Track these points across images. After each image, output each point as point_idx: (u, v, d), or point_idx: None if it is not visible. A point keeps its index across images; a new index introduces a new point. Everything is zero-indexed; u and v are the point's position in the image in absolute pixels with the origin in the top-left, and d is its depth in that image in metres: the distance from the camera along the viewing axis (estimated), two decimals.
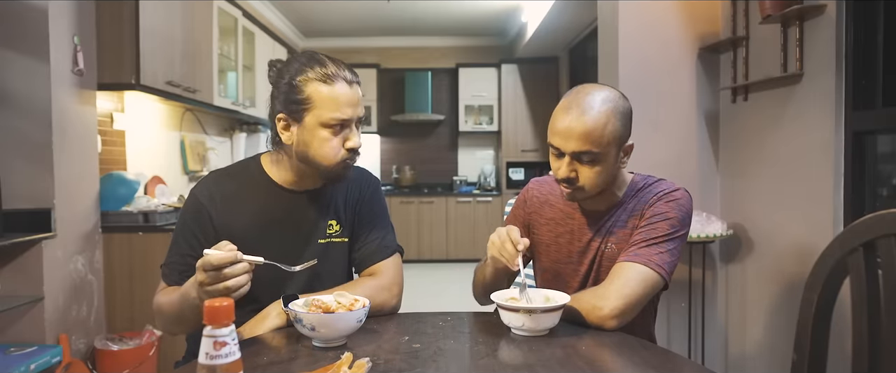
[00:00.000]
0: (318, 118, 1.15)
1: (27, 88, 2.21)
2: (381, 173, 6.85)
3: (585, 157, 1.17)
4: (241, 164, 1.33)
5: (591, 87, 1.22)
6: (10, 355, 2.02)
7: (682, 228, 1.23)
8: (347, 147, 1.18)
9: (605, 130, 1.16)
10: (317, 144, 1.17)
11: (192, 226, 1.23)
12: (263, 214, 1.24)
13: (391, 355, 0.96)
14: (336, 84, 1.15)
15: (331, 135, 1.17)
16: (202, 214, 1.23)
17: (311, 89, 1.15)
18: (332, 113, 1.15)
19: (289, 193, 1.26)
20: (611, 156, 1.19)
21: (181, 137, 3.66)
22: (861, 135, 1.97)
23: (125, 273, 2.64)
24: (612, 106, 1.18)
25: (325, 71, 1.15)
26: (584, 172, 1.19)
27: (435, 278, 5.57)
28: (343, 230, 1.31)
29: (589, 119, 1.16)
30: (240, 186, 1.26)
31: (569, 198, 1.26)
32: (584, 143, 1.16)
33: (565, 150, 1.18)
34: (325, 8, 5.50)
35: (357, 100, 1.18)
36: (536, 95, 6.29)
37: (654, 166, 1.97)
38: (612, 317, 1.10)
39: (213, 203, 1.23)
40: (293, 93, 1.16)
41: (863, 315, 1.00)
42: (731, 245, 2.58)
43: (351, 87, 1.17)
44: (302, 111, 1.16)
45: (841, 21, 1.97)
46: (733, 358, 2.60)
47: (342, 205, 1.32)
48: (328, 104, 1.15)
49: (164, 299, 1.17)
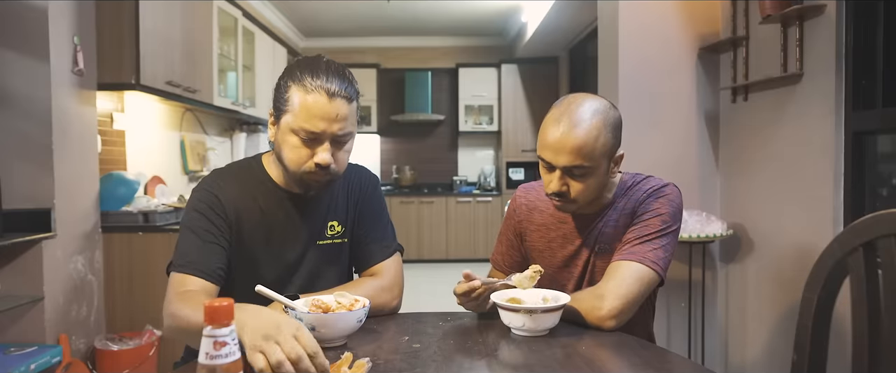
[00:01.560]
0: (288, 123, 1.12)
1: (27, 88, 2.21)
2: (381, 173, 6.85)
3: (577, 171, 1.17)
4: (242, 163, 1.31)
5: (581, 97, 1.20)
6: (10, 355, 2.02)
7: (674, 223, 1.23)
8: (315, 162, 1.12)
9: (597, 144, 1.15)
10: (286, 149, 1.15)
11: (210, 216, 1.17)
12: (267, 215, 1.23)
13: (391, 355, 0.96)
14: (313, 94, 1.09)
15: (299, 143, 1.13)
16: (216, 207, 1.19)
17: (292, 93, 1.12)
18: (300, 122, 1.10)
19: (289, 194, 1.25)
20: (602, 168, 1.19)
21: (181, 137, 3.66)
22: (861, 135, 1.97)
23: (125, 273, 2.64)
24: (603, 118, 1.17)
25: (309, 78, 1.11)
26: (575, 186, 1.19)
27: (435, 278, 5.57)
28: (344, 231, 1.31)
29: (580, 133, 1.14)
30: (243, 186, 1.24)
31: (560, 209, 1.26)
32: (575, 157, 1.15)
33: (556, 164, 1.17)
34: (325, 8, 5.50)
35: (335, 115, 1.10)
36: (536, 95, 6.29)
37: (654, 166, 1.97)
38: (611, 317, 1.11)
39: (226, 197, 1.21)
40: (280, 92, 1.15)
41: (863, 315, 1.00)
42: (731, 245, 2.58)
43: (331, 101, 1.10)
44: (281, 112, 1.14)
45: (841, 21, 1.97)
46: (733, 358, 2.60)
47: (343, 205, 1.31)
48: (300, 112, 1.10)
49: (184, 312, 1.02)
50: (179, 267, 1.13)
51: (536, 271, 1.12)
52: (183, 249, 1.15)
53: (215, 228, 1.17)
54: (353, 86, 1.15)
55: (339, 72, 1.13)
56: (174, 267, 1.14)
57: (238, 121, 4.50)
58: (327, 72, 1.12)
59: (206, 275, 1.12)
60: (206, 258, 1.13)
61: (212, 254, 1.15)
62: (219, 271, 1.15)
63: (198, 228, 1.16)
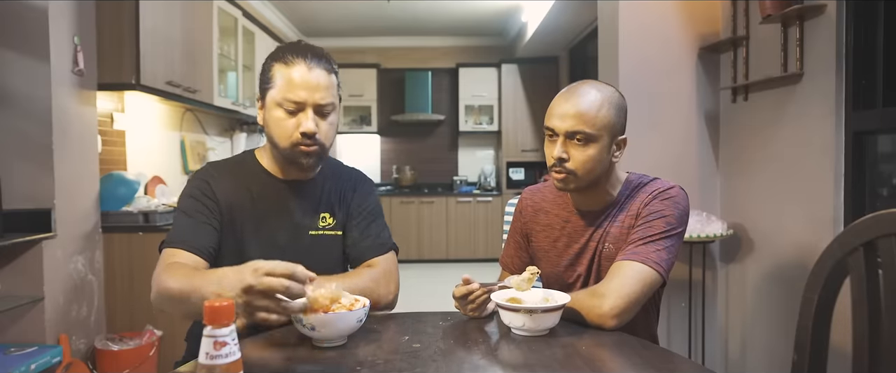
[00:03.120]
0: (273, 98, 1.20)
1: (27, 88, 2.21)
2: (381, 173, 6.86)
3: (578, 136, 1.21)
4: (236, 157, 1.37)
5: (589, 81, 1.28)
6: (11, 355, 2.02)
7: (679, 225, 1.24)
8: (300, 131, 1.19)
9: (599, 113, 1.21)
10: (273, 124, 1.21)
11: (201, 199, 1.23)
12: (258, 202, 1.27)
13: (391, 355, 0.96)
14: (294, 66, 1.18)
15: (285, 116, 1.20)
16: (208, 193, 1.24)
17: (275, 71, 1.20)
18: (284, 93, 1.18)
19: (280, 182, 1.30)
20: (603, 141, 1.22)
21: (181, 137, 3.66)
22: (861, 135, 1.97)
23: (125, 273, 2.64)
24: (608, 94, 1.24)
25: (289, 56, 1.19)
26: (575, 155, 1.22)
27: (435, 278, 5.57)
28: (336, 224, 1.33)
29: (584, 102, 1.22)
30: (235, 175, 1.29)
31: (560, 185, 1.27)
32: (577, 122, 1.21)
33: (559, 129, 1.22)
34: (325, 8, 5.50)
35: (315, 84, 1.19)
36: (536, 94, 6.29)
37: (654, 166, 1.98)
38: (612, 316, 1.11)
39: (217, 184, 1.26)
40: (264, 74, 1.23)
41: (863, 315, 1.00)
42: (731, 245, 2.58)
43: (311, 72, 1.19)
44: (266, 90, 1.22)
45: (841, 21, 1.97)
46: (733, 358, 2.60)
47: (336, 200, 1.34)
48: (283, 85, 1.19)
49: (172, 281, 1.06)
50: (170, 243, 1.18)
51: (533, 273, 1.13)
52: (175, 229, 1.20)
53: (206, 210, 1.22)
54: (332, 63, 1.24)
55: (317, 49, 1.23)
56: (165, 244, 1.19)
57: (238, 121, 4.50)
58: (306, 49, 1.22)
59: (196, 250, 1.16)
60: (196, 236, 1.18)
61: (203, 233, 1.19)
62: (209, 249, 1.19)
63: (190, 209, 1.22)
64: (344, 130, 6.51)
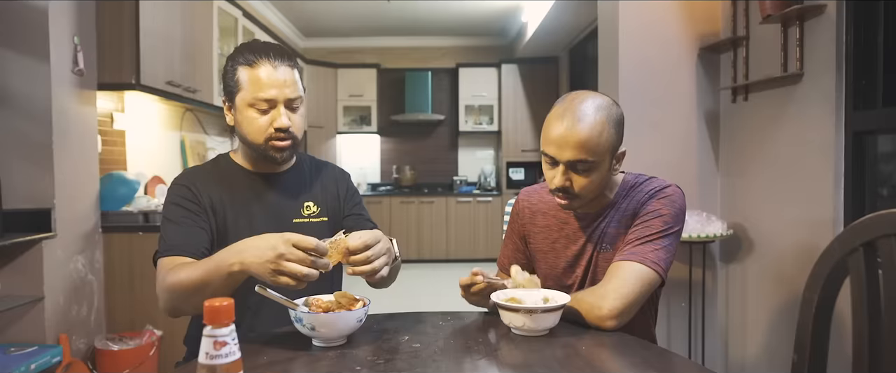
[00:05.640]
0: (244, 99, 1.24)
1: (27, 88, 2.21)
2: (381, 173, 6.86)
3: (581, 165, 1.18)
4: (210, 160, 1.41)
5: (584, 94, 1.22)
6: (11, 355, 2.02)
7: (676, 224, 1.23)
8: (275, 127, 1.23)
9: (601, 139, 1.17)
10: (246, 124, 1.25)
11: (186, 204, 1.26)
12: (237, 196, 1.31)
13: (391, 355, 0.96)
14: (260, 67, 1.22)
15: (258, 114, 1.24)
16: (191, 197, 1.27)
17: (240, 73, 1.24)
18: (254, 93, 1.22)
19: (256, 175, 1.34)
20: (605, 163, 1.20)
21: (181, 137, 3.66)
22: (861, 135, 1.97)
23: (125, 273, 2.63)
24: (606, 114, 1.18)
25: (250, 55, 1.23)
26: (578, 181, 1.20)
27: (435, 278, 5.56)
28: (321, 211, 1.37)
29: (584, 128, 1.16)
30: (213, 176, 1.33)
31: (565, 206, 1.27)
32: (579, 152, 1.16)
33: (560, 159, 1.18)
34: (325, 8, 5.50)
35: (282, 82, 1.23)
36: (536, 95, 6.29)
37: (654, 166, 1.98)
38: (611, 317, 1.10)
39: (198, 187, 1.29)
40: (227, 77, 1.27)
41: (863, 315, 1.00)
42: (731, 245, 2.58)
43: (276, 70, 1.22)
44: (234, 94, 1.25)
45: (841, 21, 1.97)
46: (733, 358, 2.60)
47: (319, 190, 1.39)
48: (252, 86, 1.22)
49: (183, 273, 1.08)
50: (164, 253, 1.19)
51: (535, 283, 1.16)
52: (165, 238, 1.22)
53: (192, 214, 1.25)
54: (293, 57, 1.28)
55: (276, 46, 1.26)
56: (159, 254, 1.20)
57: None
58: (265, 48, 1.25)
59: (192, 254, 1.18)
60: (188, 240, 1.20)
61: (193, 236, 1.22)
62: (203, 250, 1.20)
63: (176, 216, 1.25)
64: (344, 129, 6.52)
